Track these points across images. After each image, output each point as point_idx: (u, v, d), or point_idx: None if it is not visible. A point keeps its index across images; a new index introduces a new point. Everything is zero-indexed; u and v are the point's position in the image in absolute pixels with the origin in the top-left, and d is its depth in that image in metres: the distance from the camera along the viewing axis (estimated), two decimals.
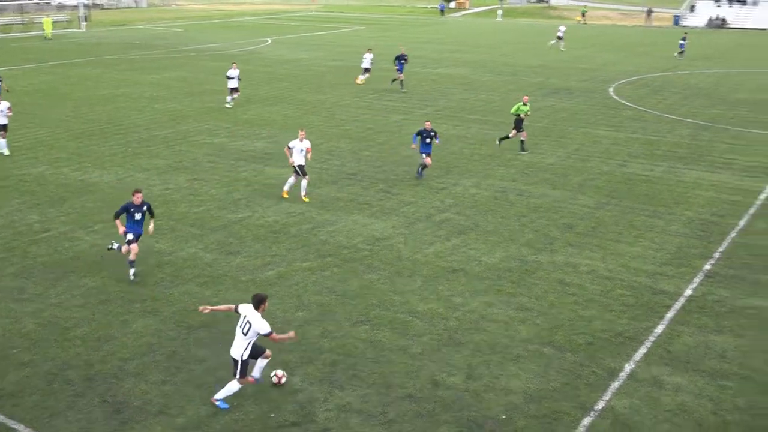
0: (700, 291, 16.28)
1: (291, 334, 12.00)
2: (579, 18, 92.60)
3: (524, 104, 27.68)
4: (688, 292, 16.23)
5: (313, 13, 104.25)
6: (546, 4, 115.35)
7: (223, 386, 11.87)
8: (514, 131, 27.86)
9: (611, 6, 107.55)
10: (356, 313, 15.07)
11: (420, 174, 24.28)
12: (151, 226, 16.71)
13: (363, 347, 13.76)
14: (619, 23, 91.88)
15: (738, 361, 13.40)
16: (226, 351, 13.66)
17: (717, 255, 18.27)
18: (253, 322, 11.49)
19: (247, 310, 11.69)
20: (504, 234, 19.52)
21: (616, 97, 39.60)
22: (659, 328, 14.58)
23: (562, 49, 61.12)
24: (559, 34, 62.40)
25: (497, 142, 28.56)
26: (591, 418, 11.70)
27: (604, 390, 12.45)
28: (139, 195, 16.21)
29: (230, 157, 26.79)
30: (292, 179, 22.07)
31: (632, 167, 26.02)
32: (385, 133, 30.95)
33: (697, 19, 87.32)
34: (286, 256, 17.95)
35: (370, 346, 13.81)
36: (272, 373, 12.40)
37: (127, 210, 16.15)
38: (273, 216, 20.69)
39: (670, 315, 15.15)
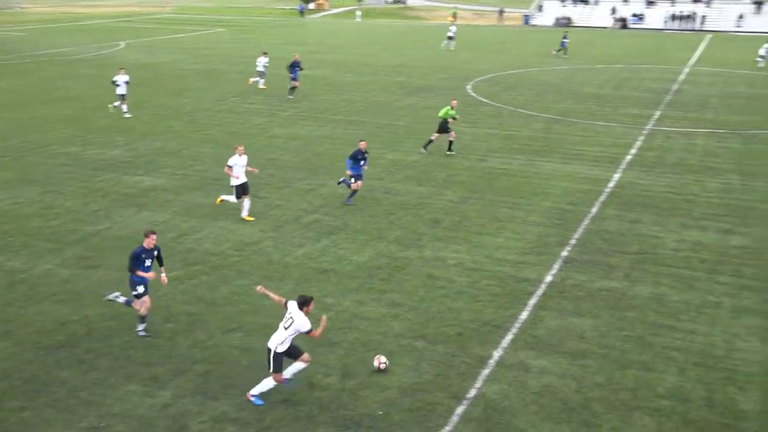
0: (560, 277, 17.12)
1: (322, 319, 12.10)
2: (450, 18, 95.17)
3: (452, 108, 27.96)
4: (549, 278, 17.03)
5: (169, 15, 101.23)
6: (403, 5, 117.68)
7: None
8: (437, 134, 27.94)
9: (464, 6, 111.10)
10: (228, 320, 14.78)
11: (350, 200, 21.98)
12: (164, 276, 14.33)
13: (237, 355, 13.52)
14: (473, 23, 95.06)
15: (596, 341, 14.20)
16: (90, 370, 13.07)
17: (573, 241, 19.28)
18: (295, 318, 11.70)
19: (292, 306, 11.86)
20: (373, 232, 19.74)
21: (474, 95, 40.94)
22: (524, 315, 15.22)
23: (445, 45, 62.82)
24: (450, 34, 64.09)
25: (423, 149, 28.08)
26: (464, 407, 12.05)
27: (475, 378, 12.85)
28: (154, 237, 13.91)
29: (85, 167, 25.56)
30: (232, 198, 20.47)
31: (492, 161, 27.00)
32: (249, 136, 30.51)
33: (545, 19, 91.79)
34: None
35: (243, 353, 13.58)
36: (375, 360, 12.91)
37: (138, 257, 13.77)
38: (135, 226, 19.91)
39: (533, 301, 15.84)
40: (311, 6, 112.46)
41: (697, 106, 38.01)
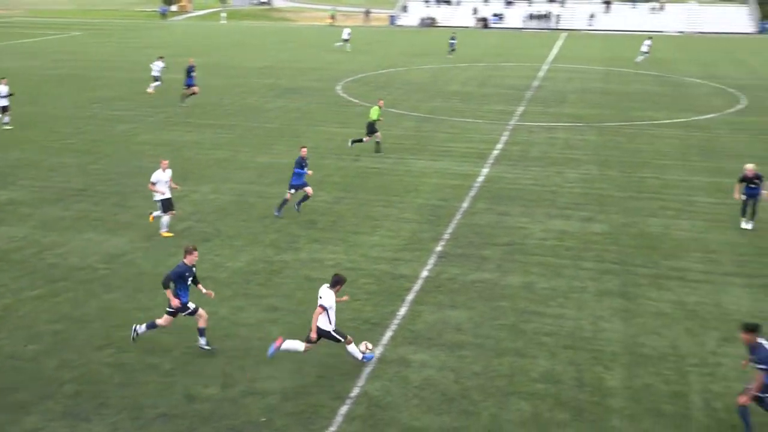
0: (435, 271, 17.50)
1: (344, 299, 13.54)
2: (329, 20, 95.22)
3: (380, 108, 28.15)
4: (425, 273, 17.38)
5: (21, 18, 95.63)
6: (269, 7, 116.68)
7: None
8: (367, 137, 27.99)
9: (330, 7, 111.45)
10: (98, 337, 14.15)
11: (298, 207, 21.04)
12: (205, 290, 13.90)
13: (109, 372, 12.96)
14: (341, 24, 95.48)
15: (472, 332, 14.62)
16: None
17: (446, 236, 19.76)
18: (324, 295, 12.69)
19: (323, 290, 12.84)
20: (248, 237, 19.46)
21: (344, 95, 41.15)
22: (402, 311, 15.45)
23: (341, 47, 62.87)
24: (345, 36, 64.13)
25: (350, 143, 28.42)
26: (347, 406, 12.09)
27: (357, 377, 12.93)
28: (196, 253, 13.47)
29: None
30: (160, 213, 19.43)
31: (365, 161, 27.23)
32: (112, 144, 29.34)
33: (410, 19, 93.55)
34: (9, 285, 16.34)
35: (116, 369, 13.05)
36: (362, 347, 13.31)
37: (182, 276, 13.22)
38: None
39: (410, 297, 16.11)
40: (173, 8, 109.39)
41: (557, 101, 39.88)
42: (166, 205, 19.34)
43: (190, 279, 13.44)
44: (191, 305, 13.43)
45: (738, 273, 17.50)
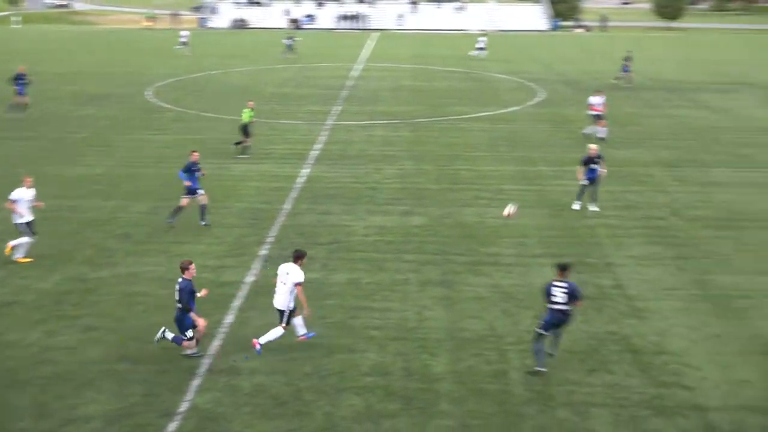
0: (261, 275, 17.33)
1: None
2: (147, 23, 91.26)
3: (251, 110, 27.80)
4: (250, 278, 17.17)
5: None
6: (69, 9, 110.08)
7: None
8: (246, 138, 27.81)
9: (137, 9, 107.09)
10: None
11: (173, 219, 20.25)
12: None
13: None
14: (155, 27, 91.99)
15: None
16: None
17: (270, 239, 19.63)
18: (291, 272, 13.34)
19: (285, 266, 13.51)
20: (58, 255, 18.26)
21: (155, 101, 39.68)
22: (229, 318, 15.18)
23: (181, 49, 60.88)
24: (183, 39, 62.07)
25: (234, 146, 28.05)
26: (176, 423, 11.71)
27: (186, 391, 12.55)
28: (194, 266, 13.56)
29: None
30: (26, 239, 17.55)
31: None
32: None
33: (221, 21, 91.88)
34: None
35: None
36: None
37: (192, 292, 13.36)
38: None
39: (236, 303, 15.87)
40: None
41: (372, 99, 40.79)
42: (29, 229, 17.78)
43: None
44: (191, 333, 13.43)
45: (545, 254, 18.79)
